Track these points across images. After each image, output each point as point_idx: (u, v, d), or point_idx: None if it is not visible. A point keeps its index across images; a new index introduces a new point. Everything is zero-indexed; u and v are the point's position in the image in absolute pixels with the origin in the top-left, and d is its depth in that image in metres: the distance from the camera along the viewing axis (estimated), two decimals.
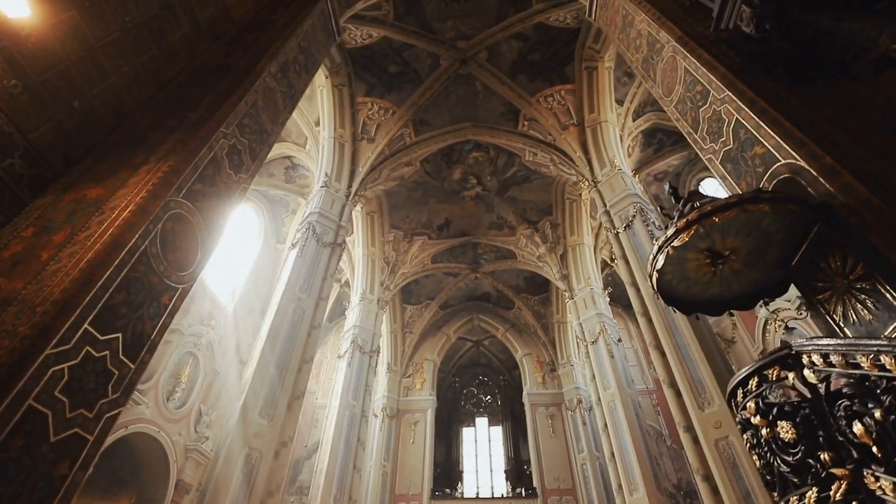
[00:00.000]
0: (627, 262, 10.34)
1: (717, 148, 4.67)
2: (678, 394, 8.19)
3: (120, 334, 3.26)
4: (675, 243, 3.48)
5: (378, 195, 16.19)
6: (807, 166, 3.47)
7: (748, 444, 2.85)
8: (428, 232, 17.23)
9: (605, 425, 12.56)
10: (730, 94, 4.38)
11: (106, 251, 3.22)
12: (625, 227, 10.76)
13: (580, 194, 16.09)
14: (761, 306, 12.76)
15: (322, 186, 12.31)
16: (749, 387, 2.78)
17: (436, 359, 19.62)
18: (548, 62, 13.25)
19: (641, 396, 14.82)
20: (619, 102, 13.56)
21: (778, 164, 3.78)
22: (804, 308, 11.44)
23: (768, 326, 12.55)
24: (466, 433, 21.32)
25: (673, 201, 4.16)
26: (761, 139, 3.98)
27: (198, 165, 4.24)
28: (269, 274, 15.78)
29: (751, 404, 2.74)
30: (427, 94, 13.79)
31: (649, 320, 9.29)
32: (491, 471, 19.49)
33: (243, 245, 15.68)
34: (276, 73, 5.93)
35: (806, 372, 2.51)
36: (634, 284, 9.97)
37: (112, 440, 10.06)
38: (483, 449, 20.32)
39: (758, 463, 2.73)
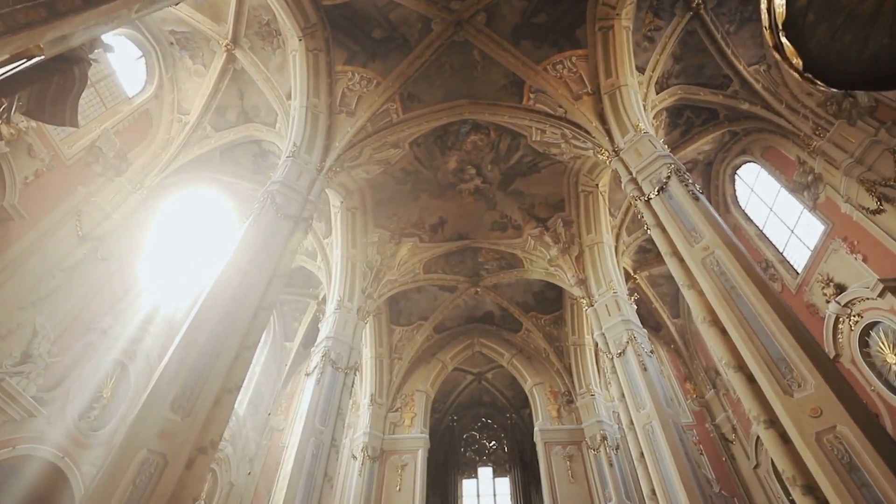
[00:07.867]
0: (664, 230, 8.70)
1: None
2: (750, 378, 6.30)
3: None
4: None
5: (361, 187, 14.77)
6: None
7: None
8: (419, 233, 15.64)
9: (641, 454, 10.39)
10: None
11: None
12: (658, 191, 9.20)
13: (596, 185, 14.67)
14: (828, 301, 10.90)
15: (289, 157, 10.89)
16: None
17: (429, 390, 17.37)
18: (555, 24, 12.16)
19: None
20: (640, 70, 12.38)
21: None
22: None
23: (840, 326, 10.65)
24: (467, 486, 18.77)
25: None
26: None
27: None
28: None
29: None
30: (417, 63, 12.64)
31: (700, 292, 7.52)
32: None
33: (201, 244, 14.09)
34: None
35: None
36: (676, 254, 8.28)
37: None
38: None
39: None
